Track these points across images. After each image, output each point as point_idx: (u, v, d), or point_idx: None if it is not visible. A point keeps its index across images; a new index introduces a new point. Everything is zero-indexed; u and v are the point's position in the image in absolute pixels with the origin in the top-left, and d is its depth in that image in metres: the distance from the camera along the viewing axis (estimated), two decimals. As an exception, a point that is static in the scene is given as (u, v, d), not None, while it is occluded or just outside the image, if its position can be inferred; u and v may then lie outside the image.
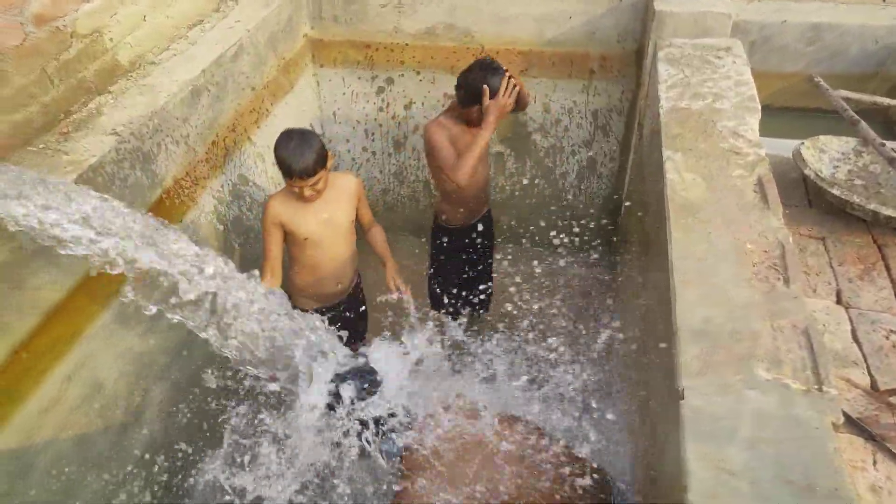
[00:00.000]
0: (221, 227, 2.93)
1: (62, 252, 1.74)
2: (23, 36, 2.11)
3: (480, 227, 3.24)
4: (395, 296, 2.83)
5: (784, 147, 2.49)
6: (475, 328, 3.48)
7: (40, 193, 1.69)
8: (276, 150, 2.42)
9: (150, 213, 2.11)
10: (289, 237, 2.62)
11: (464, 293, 3.46)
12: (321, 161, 2.43)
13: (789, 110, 3.63)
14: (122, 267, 1.84)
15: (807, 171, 2.13)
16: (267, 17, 3.13)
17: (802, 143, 2.25)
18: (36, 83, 2.20)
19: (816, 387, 1.43)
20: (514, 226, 4.11)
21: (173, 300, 2.02)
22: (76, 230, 1.72)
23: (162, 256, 1.91)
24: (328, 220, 2.61)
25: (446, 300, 3.48)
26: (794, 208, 2.21)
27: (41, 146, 2.17)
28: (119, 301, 2.26)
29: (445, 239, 3.25)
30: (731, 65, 2.59)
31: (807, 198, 2.27)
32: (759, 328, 1.56)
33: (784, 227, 1.82)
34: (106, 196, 1.90)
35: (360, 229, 2.86)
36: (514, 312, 3.24)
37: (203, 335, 2.16)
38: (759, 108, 2.32)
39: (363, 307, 3.06)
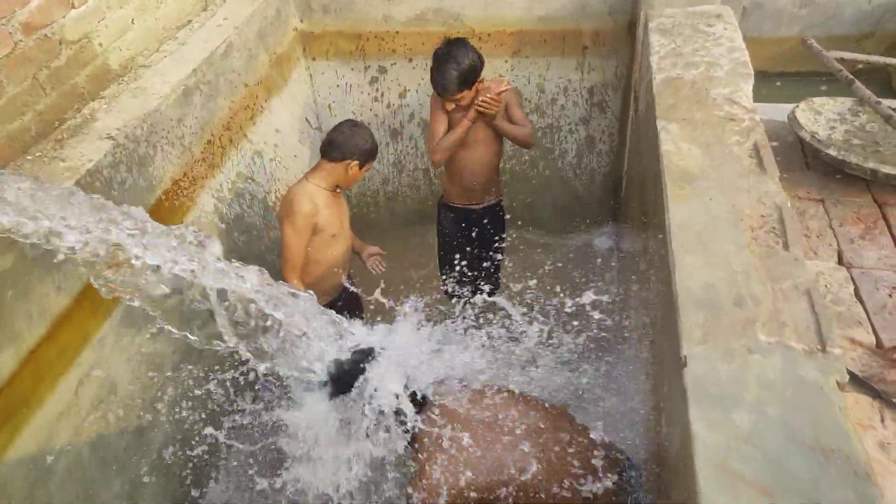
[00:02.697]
0: (224, 226, 2.95)
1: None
2: (12, 45, 2.12)
3: (486, 219, 3.23)
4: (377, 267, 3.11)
5: (781, 112, 2.47)
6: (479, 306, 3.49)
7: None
8: (360, 141, 2.57)
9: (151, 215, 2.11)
10: (313, 236, 2.62)
11: (468, 274, 3.48)
12: None
13: (786, 75, 3.61)
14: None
15: (802, 134, 2.11)
16: (255, 12, 3.13)
17: (797, 106, 2.24)
18: (28, 92, 2.20)
19: (820, 347, 1.43)
20: (517, 207, 4.10)
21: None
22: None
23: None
24: (344, 212, 2.66)
25: (452, 278, 3.50)
26: (793, 172, 2.20)
27: (38, 154, 2.18)
28: (125, 304, 2.28)
29: (448, 215, 3.27)
30: (722, 32, 2.57)
31: (804, 161, 2.26)
32: (761, 292, 1.56)
33: (781, 191, 1.81)
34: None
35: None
36: (519, 296, 3.24)
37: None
38: (752, 73, 2.30)
39: (357, 291, 3.11)
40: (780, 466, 1.22)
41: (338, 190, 2.65)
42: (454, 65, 2.69)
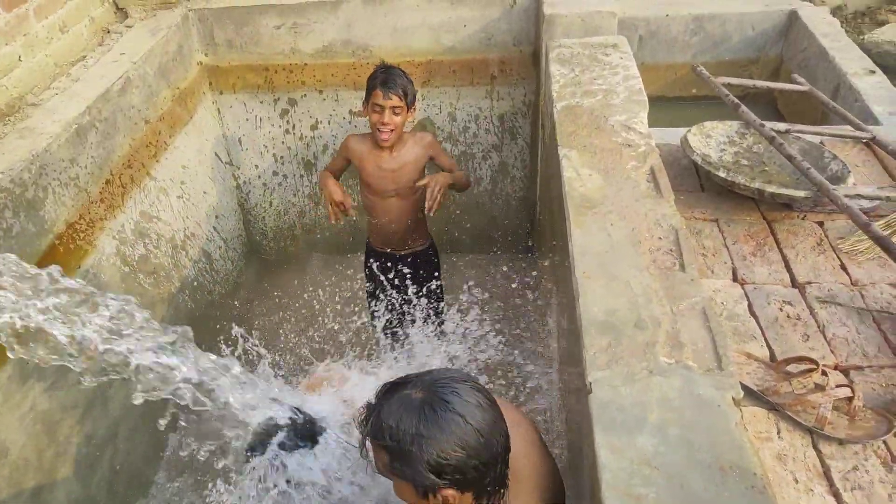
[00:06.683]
0: (127, 269, 2.81)
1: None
2: None
3: (411, 265, 3.15)
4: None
5: (677, 136, 2.58)
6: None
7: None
8: None
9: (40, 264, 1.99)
10: None
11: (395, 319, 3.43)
12: None
13: (682, 100, 3.79)
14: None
15: (694, 157, 2.21)
16: (154, 47, 3.04)
17: (689, 130, 2.34)
18: None
19: (716, 365, 1.48)
20: (436, 233, 4.12)
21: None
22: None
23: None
24: None
25: (381, 321, 3.45)
26: (688, 193, 2.29)
27: (-90, 204, 2.03)
28: (14, 361, 2.13)
29: (371, 260, 3.22)
30: (618, 61, 2.68)
31: (699, 182, 2.36)
32: (660, 314, 1.60)
33: (677, 214, 1.88)
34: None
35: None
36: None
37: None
38: (647, 100, 2.40)
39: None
40: (681, 487, 1.25)
41: None
42: (402, 72, 2.72)
